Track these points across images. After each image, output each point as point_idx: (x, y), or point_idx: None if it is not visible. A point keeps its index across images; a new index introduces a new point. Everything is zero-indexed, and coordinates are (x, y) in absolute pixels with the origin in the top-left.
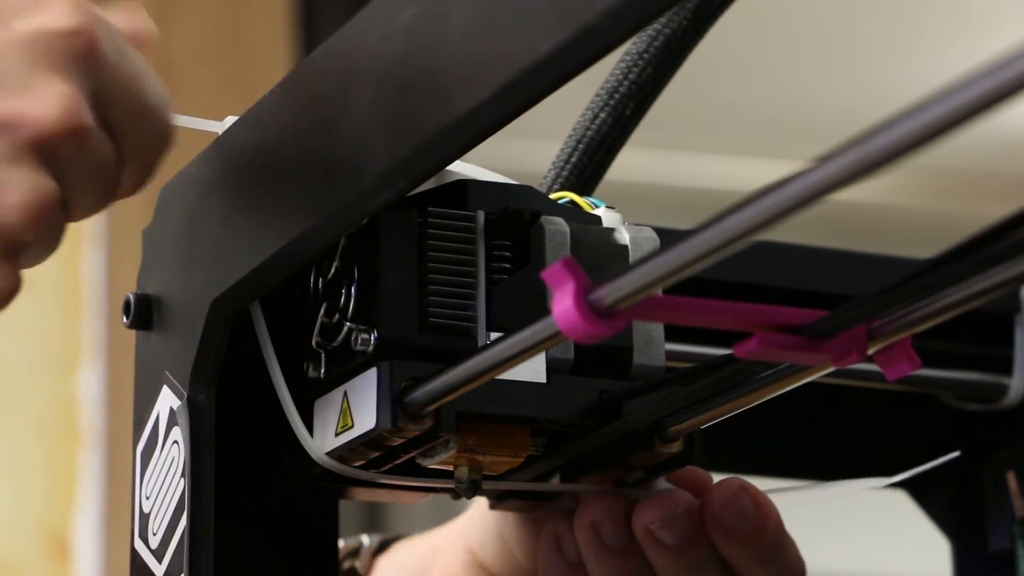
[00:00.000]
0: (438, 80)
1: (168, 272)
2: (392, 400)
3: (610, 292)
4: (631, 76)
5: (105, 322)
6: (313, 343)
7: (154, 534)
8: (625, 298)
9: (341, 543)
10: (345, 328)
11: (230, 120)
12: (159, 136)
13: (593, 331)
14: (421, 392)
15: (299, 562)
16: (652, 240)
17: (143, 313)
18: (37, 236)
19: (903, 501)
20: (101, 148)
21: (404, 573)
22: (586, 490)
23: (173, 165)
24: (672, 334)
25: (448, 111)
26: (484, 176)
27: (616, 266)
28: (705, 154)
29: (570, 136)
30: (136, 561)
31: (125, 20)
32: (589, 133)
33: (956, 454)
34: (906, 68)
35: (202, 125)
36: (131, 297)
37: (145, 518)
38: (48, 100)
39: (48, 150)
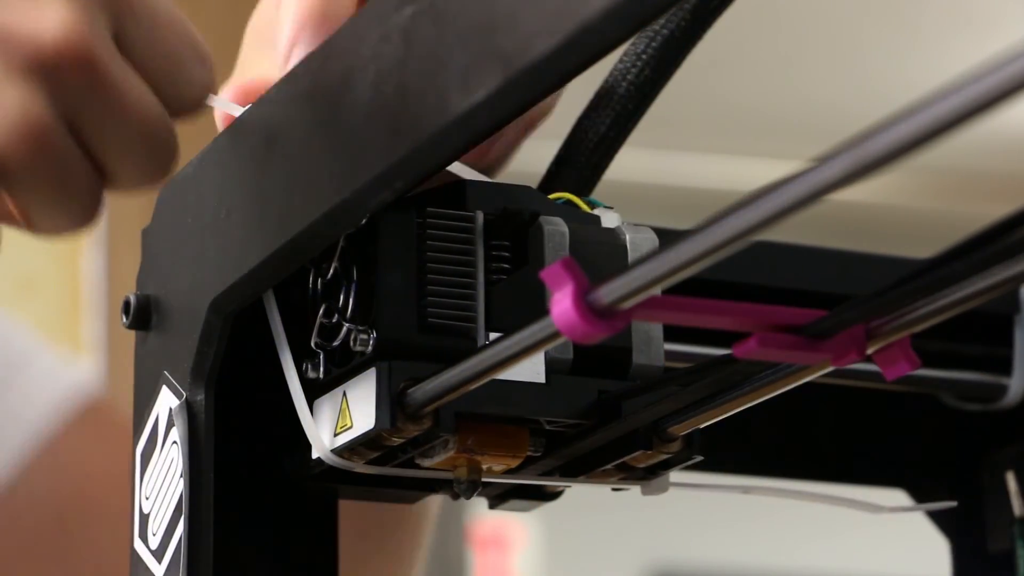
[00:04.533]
0: (436, 80)
1: (167, 272)
2: (391, 400)
3: (609, 292)
4: (629, 77)
5: (105, 322)
6: (312, 344)
7: (153, 534)
8: (624, 298)
9: None
10: (344, 329)
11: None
12: (196, 88)
13: (592, 331)
14: (420, 392)
15: (298, 563)
16: (651, 240)
17: (142, 313)
18: (25, 162)
19: (902, 501)
20: (134, 96)
21: None
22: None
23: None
24: (671, 334)
25: (446, 111)
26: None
27: (615, 266)
28: (704, 154)
29: (568, 136)
30: (136, 561)
31: None
32: (587, 134)
33: (952, 504)
34: (906, 68)
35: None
36: (130, 297)
37: (145, 518)
38: (50, 18)
39: (47, 72)
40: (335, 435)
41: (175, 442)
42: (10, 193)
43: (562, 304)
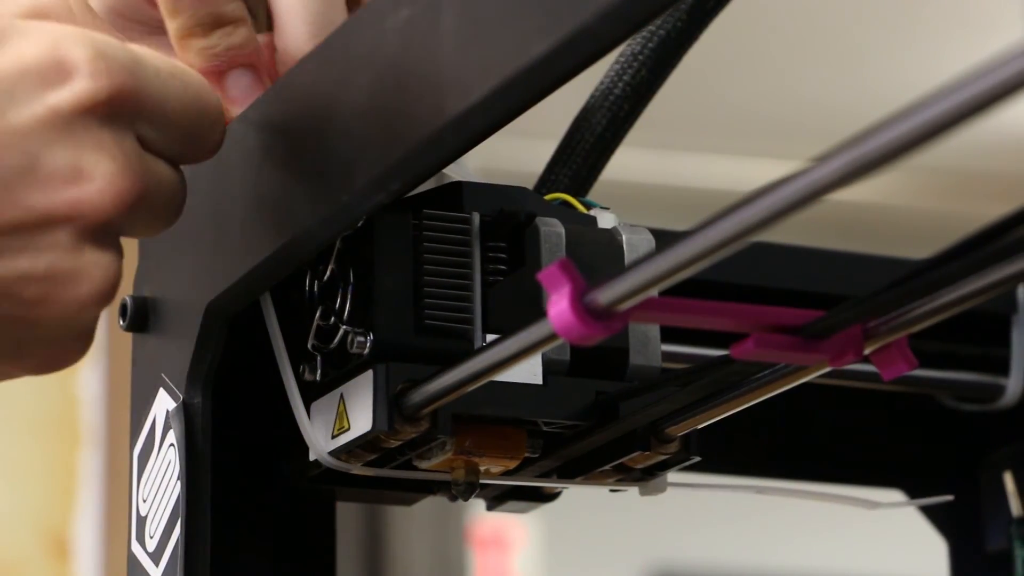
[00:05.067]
0: (431, 82)
1: (164, 275)
2: (388, 402)
3: (606, 293)
4: (625, 78)
5: (105, 322)
6: (309, 346)
7: (151, 537)
8: (621, 299)
9: None
10: (341, 331)
11: None
12: (212, 147)
13: (589, 333)
14: (417, 394)
15: (296, 565)
16: (648, 241)
17: (139, 316)
18: (106, 304)
19: (900, 502)
20: (162, 185)
21: None
22: (584, 487)
23: None
24: (668, 335)
25: (441, 113)
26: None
27: (612, 267)
28: (702, 154)
29: (565, 137)
30: (133, 564)
31: None
32: (584, 135)
33: (948, 498)
34: (904, 68)
35: None
36: (127, 300)
37: (142, 521)
38: (100, 183)
39: (109, 228)
40: (332, 437)
41: (172, 444)
42: (95, 319)
43: (559, 306)
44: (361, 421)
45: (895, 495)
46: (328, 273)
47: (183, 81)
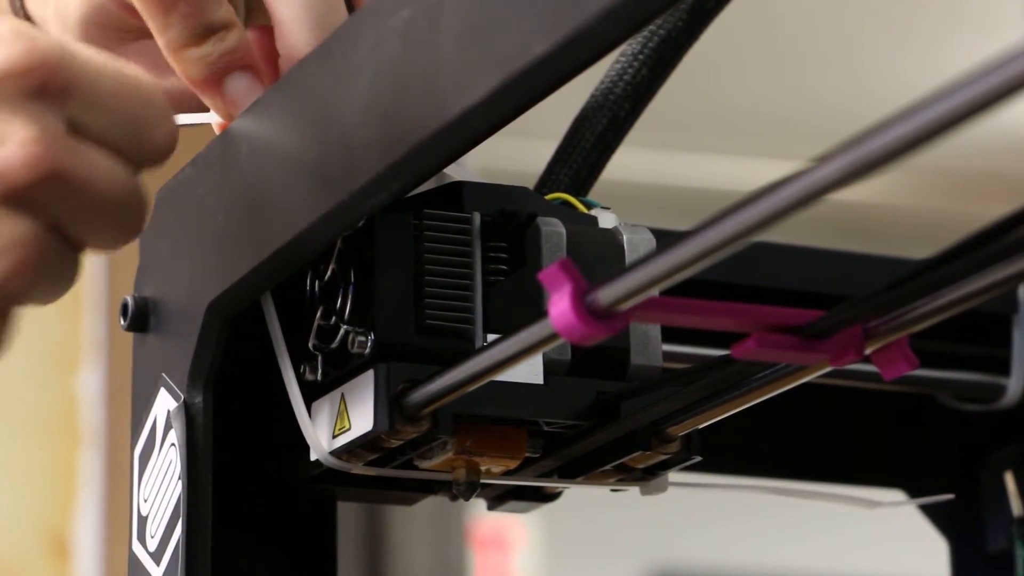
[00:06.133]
0: (432, 82)
1: (165, 274)
2: (389, 402)
3: (607, 293)
4: (626, 77)
5: (105, 322)
6: (310, 346)
7: (152, 537)
8: (622, 299)
9: None
10: (342, 331)
11: None
12: (161, 143)
13: (590, 333)
14: (418, 394)
15: (297, 565)
16: (649, 241)
17: (140, 315)
18: (25, 279)
19: (901, 501)
20: (98, 175)
21: None
22: (585, 487)
23: (171, 167)
24: (669, 335)
25: (442, 113)
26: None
27: (612, 267)
28: (703, 154)
29: (565, 137)
30: (134, 564)
31: None
32: (584, 134)
33: (948, 496)
34: (905, 68)
35: (202, 119)
36: (128, 300)
37: (143, 521)
38: (11, 147)
39: (24, 197)
40: (333, 437)
41: (173, 444)
42: (11, 301)
43: (560, 305)
44: (362, 421)
45: (895, 495)
46: (329, 273)
47: (118, 68)
